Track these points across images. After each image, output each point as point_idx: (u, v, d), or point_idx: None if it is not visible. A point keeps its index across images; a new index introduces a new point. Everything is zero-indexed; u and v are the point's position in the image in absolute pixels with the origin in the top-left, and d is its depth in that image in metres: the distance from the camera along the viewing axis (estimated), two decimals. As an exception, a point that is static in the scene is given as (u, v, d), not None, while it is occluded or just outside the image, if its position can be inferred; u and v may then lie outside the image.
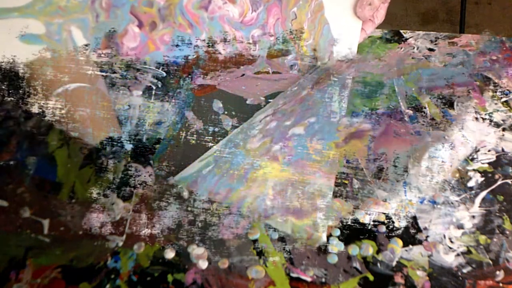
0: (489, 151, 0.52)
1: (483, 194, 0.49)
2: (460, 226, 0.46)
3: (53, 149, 0.52)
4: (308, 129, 0.45)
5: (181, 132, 0.54)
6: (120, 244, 0.44)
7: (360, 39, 0.50)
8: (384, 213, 0.45)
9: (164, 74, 0.61)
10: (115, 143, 0.45)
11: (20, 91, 0.53)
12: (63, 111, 0.47)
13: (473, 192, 0.49)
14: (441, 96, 0.42)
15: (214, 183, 0.46)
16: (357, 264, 0.43)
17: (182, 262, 0.43)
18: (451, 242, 0.45)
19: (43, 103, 0.49)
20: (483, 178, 0.50)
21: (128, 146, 0.49)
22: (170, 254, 0.44)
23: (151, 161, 0.49)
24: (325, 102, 0.46)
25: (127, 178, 0.49)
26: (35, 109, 0.50)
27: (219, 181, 0.46)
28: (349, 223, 0.45)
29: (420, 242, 0.45)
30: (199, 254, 0.43)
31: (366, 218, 0.44)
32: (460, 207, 0.48)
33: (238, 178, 0.45)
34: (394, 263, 0.44)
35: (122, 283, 0.42)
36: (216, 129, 0.53)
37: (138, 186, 0.47)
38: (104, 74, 0.60)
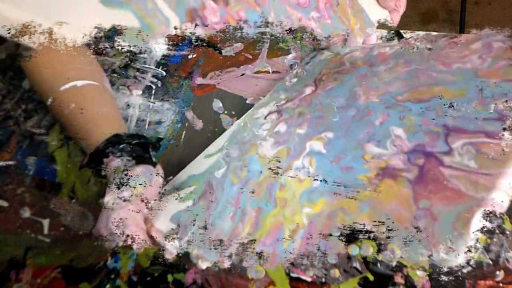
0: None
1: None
2: (460, 226, 0.46)
3: (53, 149, 0.52)
4: (328, 147, 0.42)
5: (181, 131, 0.54)
6: (120, 244, 0.44)
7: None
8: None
9: (164, 73, 0.61)
10: (122, 141, 0.44)
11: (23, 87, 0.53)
12: (70, 108, 0.46)
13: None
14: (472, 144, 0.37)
15: (237, 193, 0.43)
16: (357, 264, 0.43)
17: (182, 262, 0.43)
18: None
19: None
20: (483, 178, 0.50)
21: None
22: (170, 254, 0.43)
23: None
24: (335, 110, 0.44)
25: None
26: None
27: (241, 194, 0.43)
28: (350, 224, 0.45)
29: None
30: (199, 254, 0.43)
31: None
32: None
33: (264, 195, 0.43)
34: (394, 263, 0.44)
35: (122, 283, 0.42)
36: (216, 129, 0.53)
37: (138, 186, 0.47)
38: (105, 74, 0.60)
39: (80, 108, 0.45)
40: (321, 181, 0.40)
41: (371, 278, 0.43)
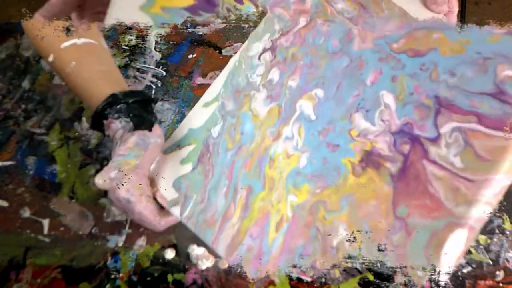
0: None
1: (483, 194, 0.49)
2: (460, 226, 0.46)
3: (53, 149, 0.52)
4: (318, 112, 0.42)
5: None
6: (120, 244, 0.44)
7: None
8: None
9: (164, 73, 0.61)
10: (118, 101, 0.44)
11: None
12: (71, 66, 0.46)
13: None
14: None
15: (230, 162, 0.44)
16: (357, 264, 0.44)
17: (182, 262, 0.43)
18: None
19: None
20: (483, 178, 0.50)
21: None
22: (170, 254, 0.44)
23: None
24: (328, 56, 0.42)
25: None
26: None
27: (235, 163, 0.43)
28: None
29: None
30: (199, 254, 0.43)
31: None
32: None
33: (254, 170, 0.44)
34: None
35: (122, 283, 0.42)
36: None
37: (133, 159, 0.46)
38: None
39: (80, 66, 0.45)
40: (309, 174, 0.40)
41: (371, 278, 0.43)
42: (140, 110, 0.44)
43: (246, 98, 0.45)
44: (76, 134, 0.53)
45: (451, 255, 0.32)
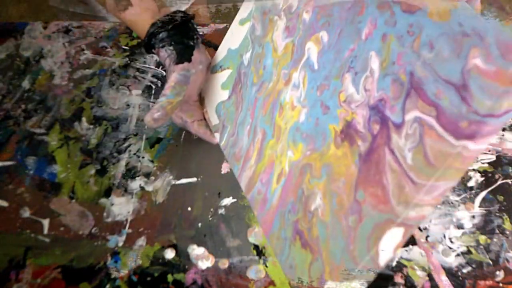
0: (489, 151, 0.52)
1: (483, 194, 0.49)
2: (460, 226, 0.46)
3: (53, 149, 0.52)
4: (320, 59, 0.40)
5: (181, 131, 0.54)
6: (120, 244, 0.44)
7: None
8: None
9: (164, 73, 0.61)
10: (159, 30, 0.46)
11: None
12: None
13: (473, 192, 0.49)
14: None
15: (254, 100, 0.45)
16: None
17: (182, 262, 0.43)
18: (451, 242, 0.45)
19: None
20: (483, 178, 0.50)
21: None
22: (170, 254, 0.44)
23: None
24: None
25: (127, 177, 0.49)
26: None
27: (257, 101, 0.45)
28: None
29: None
30: (199, 254, 0.43)
31: None
32: (460, 207, 0.48)
33: (268, 114, 0.44)
34: (394, 263, 0.44)
35: (122, 283, 0.42)
36: (216, 129, 0.53)
37: (175, 97, 0.47)
38: (103, 74, 0.60)
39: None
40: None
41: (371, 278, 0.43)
42: (180, 36, 0.47)
43: (271, 24, 0.46)
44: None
45: (387, 251, 0.31)
